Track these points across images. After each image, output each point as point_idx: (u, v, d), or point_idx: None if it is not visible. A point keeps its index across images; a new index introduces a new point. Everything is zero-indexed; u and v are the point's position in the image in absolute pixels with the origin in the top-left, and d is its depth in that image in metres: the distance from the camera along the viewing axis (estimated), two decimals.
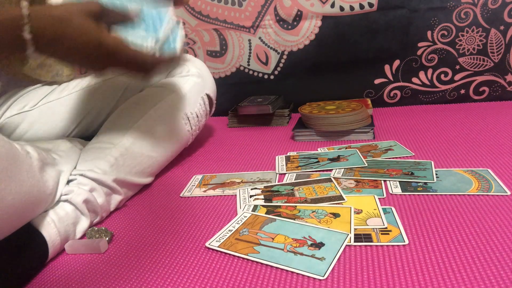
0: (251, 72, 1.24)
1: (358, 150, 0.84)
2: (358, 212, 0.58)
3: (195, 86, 0.87)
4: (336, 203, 0.62)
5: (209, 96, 0.91)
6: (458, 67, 1.12)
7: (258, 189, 0.70)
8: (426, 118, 1.04)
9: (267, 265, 0.49)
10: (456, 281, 0.43)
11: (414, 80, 1.16)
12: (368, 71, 1.18)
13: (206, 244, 0.55)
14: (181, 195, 0.72)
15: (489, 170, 0.68)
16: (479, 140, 0.84)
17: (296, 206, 0.62)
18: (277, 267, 0.48)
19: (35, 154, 0.55)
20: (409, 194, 0.63)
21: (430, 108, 1.14)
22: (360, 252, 0.50)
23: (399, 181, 0.68)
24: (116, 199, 0.68)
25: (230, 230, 0.57)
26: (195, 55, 1.26)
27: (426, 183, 0.66)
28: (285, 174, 0.76)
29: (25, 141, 0.76)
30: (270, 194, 0.68)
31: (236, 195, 0.69)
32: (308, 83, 1.22)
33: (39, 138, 0.81)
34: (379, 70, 1.17)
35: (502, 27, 1.07)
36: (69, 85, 0.86)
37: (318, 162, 0.80)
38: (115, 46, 0.55)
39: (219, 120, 1.25)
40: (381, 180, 0.69)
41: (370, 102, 1.10)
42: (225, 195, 0.70)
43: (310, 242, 0.52)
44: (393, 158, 0.79)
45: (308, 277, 0.46)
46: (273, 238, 0.54)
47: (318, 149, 0.89)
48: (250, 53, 1.22)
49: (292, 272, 0.47)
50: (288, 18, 1.16)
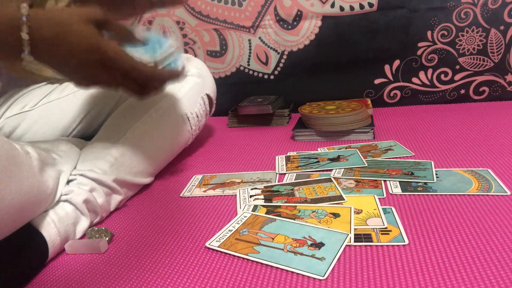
0: (251, 72, 1.24)
1: (358, 150, 0.84)
2: (358, 212, 0.58)
3: (195, 86, 0.87)
4: (336, 203, 0.62)
5: (209, 96, 0.91)
6: (458, 67, 1.12)
7: (258, 189, 0.70)
8: (426, 118, 1.04)
9: (267, 265, 0.49)
10: (456, 281, 0.43)
11: (414, 80, 1.16)
12: (368, 71, 1.18)
13: (206, 244, 0.55)
14: (181, 195, 0.72)
15: (489, 170, 0.68)
16: (479, 140, 0.84)
17: (296, 206, 0.62)
18: (277, 267, 0.48)
19: (35, 154, 0.55)
20: (409, 194, 0.63)
21: (430, 108, 1.14)
22: (360, 252, 0.50)
23: (399, 181, 0.68)
24: (116, 199, 0.68)
25: (230, 230, 0.57)
26: (195, 55, 1.26)
27: (426, 183, 0.66)
28: (285, 174, 0.76)
29: (25, 141, 0.76)
30: (270, 194, 0.68)
31: (236, 195, 0.69)
32: (308, 83, 1.22)
33: (39, 138, 0.81)
34: (379, 70, 1.17)
35: (502, 27, 1.07)
36: (69, 85, 0.86)
37: (318, 162, 0.80)
38: (114, 54, 0.53)
39: (219, 120, 1.25)
40: (381, 180, 0.69)
41: (370, 102, 1.10)
42: (225, 195, 0.70)
43: (310, 242, 0.52)
44: (393, 158, 0.79)
45: (308, 277, 0.46)
46: (273, 238, 0.54)
47: (318, 149, 0.89)
48: (250, 53, 1.22)
49: (292, 272, 0.47)
50: (288, 18, 1.16)
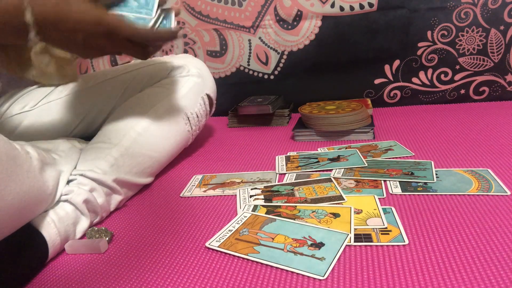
0: (251, 72, 1.24)
1: (358, 150, 0.84)
2: (358, 212, 0.58)
3: (195, 86, 0.87)
4: (336, 203, 0.62)
5: (209, 96, 0.91)
6: (458, 67, 1.12)
7: (258, 189, 0.70)
8: (426, 118, 1.04)
9: (267, 265, 0.49)
10: (456, 281, 0.43)
11: (414, 80, 1.16)
12: (368, 71, 1.18)
13: (206, 244, 0.55)
14: (181, 195, 0.72)
15: (489, 170, 0.68)
16: (479, 140, 0.84)
17: (296, 206, 0.62)
18: (277, 267, 0.48)
19: (35, 154, 0.55)
20: (409, 194, 0.63)
21: (430, 108, 1.14)
22: (360, 252, 0.50)
23: (399, 181, 0.68)
24: (116, 199, 0.68)
25: (230, 230, 0.57)
26: (195, 55, 1.26)
27: (426, 183, 0.66)
28: (285, 174, 0.76)
29: (25, 141, 0.76)
30: (270, 194, 0.68)
31: (236, 195, 0.69)
32: (308, 83, 1.22)
33: (39, 138, 0.81)
34: (379, 70, 1.17)
35: (502, 27, 1.07)
36: (69, 85, 0.86)
37: (318, 162, 0.80)
38: (115, 23, 0.57)
39: (219, 120, 1.25)
40: (381, 180, 0.69)
41: (370, 102, 1.10)
42: (225, 195, 0.70)
43: (310, 242, 0.52)
44: (393, 158, 0.79)
45: (308, 277, 0.46)
46: (273, 238, 0.54)
47: (318, 149, 0.89)
48: (250, 53, 1.22)
49: (292, 272, 0.47)
50: (288, 18, 1.16)
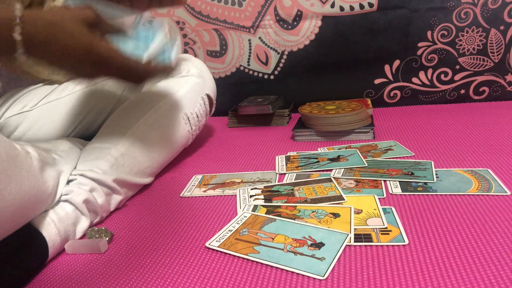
0: (251, 72, 1.24)
1: (358, 150, 0.84)
2: (358, 212, 0.58)
3: (195, 86, 0.87)
4: (336, 203, 0.62)
5: (209, 96, 0.91)
6: (458, 67, 1.12)
7: (258, 189, 0.70)
8: (426, 118, 1.04)
9: (267, 265, 0.49)
10: (456, 281, 0.43)
11: (414, 80, 1.16)
12: (368, 71, 1.18)
13: (206, 244, 0.55)
14: (181, 195, 0.72)
15: (489, 170, 0.68)
16: (479, 140, 0.84)
17: (296, 206, 0.62)
18: (277, 267, 0.48)
19: (35, 154, 0.55)
20: (409, 194, 0.63)
21: (430, 108, 1.14)
22: (360, 252, 0.50)
23: (399, 181, 0.68)
24: (116, 199, 0.68)
25: (230, 230, 0.57)
26: (195, 55, 1.26)
27: (426, 183, 0.66)
28: (285, 174, 0.76)
29: (25, 141, 0.76)
30: (270, 194, 0.68)
31: (236, 195, 0.69)
32: (308, 83, 1.22)
33: (39, 138, 0.81)
34: (379, 70, 1.17)
35: (502, 27, 1.07)
36: (69, 85, 0.86)
37: (318, 162, 0.80)
38: (107, 53, 0.54)
39: (219, 120, 1.25)
40: (381, 180, 0.69)
41: (370, 102, 1.10)
42: (225, 195, 0.70)
43: (310, 242, 0.52)
44: (393, 158, 0.79)
45: (308, 277, 0.46)
46: (273, 238, 0.54)
47: (318, 149, 0.89)
48: (250, 53, 1.22)
49: (292, 272, 0.47)
50: (288, 18, 1.16)
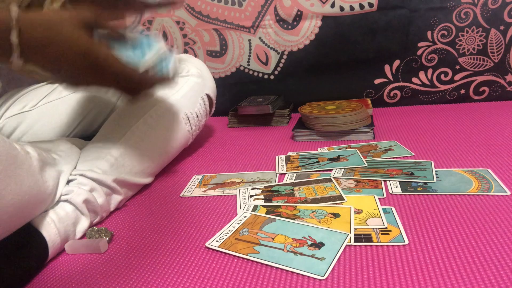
0: (251, 72, 1.24)
1: (358, 150, 0.84)
2: (358, 212, 0.58)
3: (195, 86, 0.87)
4: (336, 203, 0.62)
5: (209, 96, 0.91)
6: (458, 67, 1.12)
7: (258, 189, 0.70)
8: (426, 118, 1.04)
9: (267, 265, 0.49)
10: (456, 281, 0.43)
11: (414, 80, 1.16)
12: (368, 71, 1.18)
13: (206, 244, 0.55)
14: (181, 195, 0.72)
15: (489, 170, 0.68)
16: (479, 140, 0.84)
17: (296, 206, 0.62)
18: (277, 267, 0.48)
19: (35, 154, 0.55)
20: (409, 194, 0.63)
21: (430, 108, 1.14)
22: (360, 252, 0.50)
23: (399, 181, 0.68)
24: (116, 199, 0.68)
25: (230, 230, 0.57)
26: (195, 55, 1.26)
27: (426, 183, 0.66)
28: (285, 174, 0.76)
29: (25, 141, 0.76)
30: (270, 194, 0.68)
31: (236, 195, 0.69)
32: (308, 83, 1.22)
33: (39, 138, 0.81)
34: (379, 70, 1.17)
35: (502, 27, 1.07)
36: None
37: (318, 162, 0.80)
38: (105, 57, 0.53)
39: (219, 120, 1.25)
40: (381, 180, 0.69)
41: (370, 102, 1.10)
42: (225, 195, 0.70)
43: (310, 242, 0.52)
44: (393, 158, 0.79)
45: (308, 277, 0.46)
46: (273, 238, 0.54)
47: (318, 149, 0.89)
48: (250, 53, 1.22)
49: (292, 272, 0.47)
50: (288, 18, 1.16)
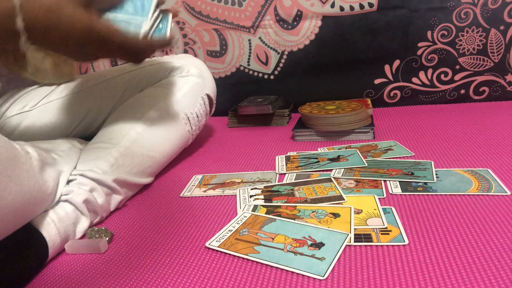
0: (251, 72, 1.24)
1: (358, 150, 0.84)
2: (358, 212, 0.58)
3: (195, 86, 0.87)
4: (336, 203, 0.62)
5: (209, 96, 0.91)
6: (458, 67, 1.12)
7: (258, 189, 0.70)
8: (426, 118, 1.04)
9: (267, 265, 0.49)
10: (456, 281, 0.43)
11: (414, 80, 1.16)
12: (368, 71, 1.17)
13: (206, 244, 0.55)
14: (181, 195, 0.72)
15: (489, 170, 0.68)
16: (479, 140, 0.84)
17: (296, 206, 0.62)
18: (277, 267, 0.48)
19: (35, 154, 0.55)
20: (409, 194, 0.63)
21: (430, 108, 1.14)
22: (360, 252, 0.50)
23: (399, 181, 0.68)
24: (116, 199, 0.68)
25: (230, 230, 0.57)
26: (195, 55, 1.26)
27: (426, 183, 0.66)
28: (285, 174, 0.76)
29: (25, 141, 0.76)
30: (270, 194, 0.68)
31: (236, 195, 0.69)
32: (308, 83, 1.22)
33: (39, 138, 0.81)
34: (379, 70, 1.17)
35: (502, 27, 1.07)
36: (69, 85, 0.86)
37: (318, 162, 0.80)
38: (106, 32, 0.56)
39: (219, 120, 1.25)
40: (381, 180, 0.69)
41: (370, 102, 1.10)
42: (225, 195, 0.70)
43: (310, 242, 0.52)
44: (393, 158, 0.79)
45: (308, 277, 0.46)
46: (273, 238, 0.54)
47: (318, 149, 0.89)
48: (250, 53, 1.22)
49: (292, 272, 0.47)
50: (288, 18, 1.16)
